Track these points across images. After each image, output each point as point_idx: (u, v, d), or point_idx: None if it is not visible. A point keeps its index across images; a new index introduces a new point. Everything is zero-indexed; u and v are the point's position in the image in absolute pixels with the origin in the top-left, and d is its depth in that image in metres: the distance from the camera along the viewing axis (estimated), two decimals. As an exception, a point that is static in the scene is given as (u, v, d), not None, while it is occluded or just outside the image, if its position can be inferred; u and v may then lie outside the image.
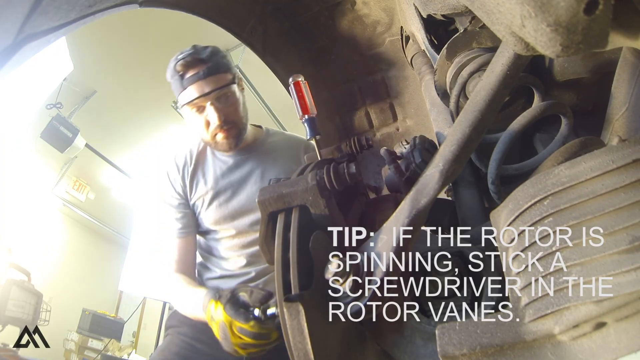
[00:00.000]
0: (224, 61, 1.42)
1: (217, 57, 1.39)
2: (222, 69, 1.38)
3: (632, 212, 0.35)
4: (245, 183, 1.48)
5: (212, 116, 1.36)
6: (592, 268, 0.35)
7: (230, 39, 1.84)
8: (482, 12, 0.38)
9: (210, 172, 1.50)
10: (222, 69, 1.38)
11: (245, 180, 1.48)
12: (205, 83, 1.34)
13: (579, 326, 0.35)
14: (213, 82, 1.34)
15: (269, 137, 1.60)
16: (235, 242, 1.46)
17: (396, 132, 1.75)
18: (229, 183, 1.48)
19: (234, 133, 1.42)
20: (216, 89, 1.34)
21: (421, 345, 0.51)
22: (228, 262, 1.47)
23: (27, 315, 4.06)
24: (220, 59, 1.40)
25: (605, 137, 0.72)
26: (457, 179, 0.88)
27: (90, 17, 1.02)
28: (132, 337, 6.45)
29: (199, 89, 1.34)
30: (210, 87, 1.34)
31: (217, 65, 1.36)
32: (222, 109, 1.38)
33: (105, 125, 5.35)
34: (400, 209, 0.53)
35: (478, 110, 0.49)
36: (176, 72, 1.36)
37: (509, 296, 0.42)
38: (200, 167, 1.52)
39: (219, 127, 1.38)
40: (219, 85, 1.35)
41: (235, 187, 1.48)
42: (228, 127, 1.40)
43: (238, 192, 1.47)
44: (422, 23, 0.97)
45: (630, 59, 0.63)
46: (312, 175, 0.60)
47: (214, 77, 1.34)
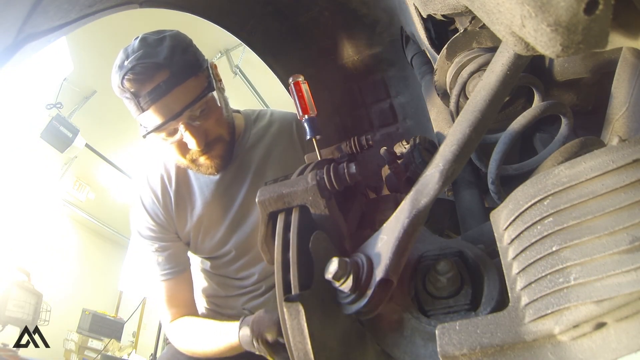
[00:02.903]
0: (190, 57, 1.01)
1: (179, 54, 0.99)
2: (189, 72, 0.98)
3: (632, 212, 0.35)
4: (237, 195, 1.20)
5: (190, 141, 1.02)
6: (592, 268, 0.35)
7: (230, 39, 1.84)
8: (482, 12, 0.38)
9: (197, 196, 1.19)
10: (190, 70, 0.99)
11: (238, 191, 1.20)
12: (171, 100, 0.96)
13: (579, 326, 0.35)
14: (181, 96, 0.97)
15: (252, 125, 1.30)
16: (242, 262, 1.25)
17: (396, 132, 1.75)
18: (220, 203, 1.19)
19: (219, 152, 1.10)
20: (188, 105, 0.97)
21: (421, 345, 0.51)
22: (235, 281, 1.29)
23: (27, 315, 4.05)
24: (184, 55, 1.00)
25: (605, 137, 0.72)
26: (457, 179, 0.88)
27: (90, 17, 1.02)
28: (132, 337, 6.44)
29: (164, 110, 0.96)
30: (179, 104, 0.96)
31: (182, 68, 0.97)
32: (201, 129, 1.03)
33: (105, 125, 5.35)
34: (400, 209, 0.53)
35: (478, 110, 0.49)
36: (125, 89, 0.97)
37: (509, 296, 0.42)
38: (183, 192, 1.19)
39: (199, 152, 1.07)
40: (190, 98, 0.98)
41: (227, 204, 1.20)
42: (211, 147, 1.08)
43: (230, 208, 1.20)
44: (422, 23, 0.97)
45: (630, 59, 0.63)
46: (312, 175, 0.60)
47: (181, 87, 0.96)
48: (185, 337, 1.14)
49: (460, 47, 0.87)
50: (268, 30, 1.67)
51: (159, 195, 1.19)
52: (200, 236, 1.22)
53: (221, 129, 1.10)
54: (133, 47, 1.00)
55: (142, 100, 0.96)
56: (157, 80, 0.95)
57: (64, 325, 5.33)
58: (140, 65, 0.95)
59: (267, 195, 0.60)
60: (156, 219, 1.19)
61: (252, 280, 1.28)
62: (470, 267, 0.54)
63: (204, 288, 1.36)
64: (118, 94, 1.02)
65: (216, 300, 1.35)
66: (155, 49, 0.97)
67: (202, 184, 1.21)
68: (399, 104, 1.73)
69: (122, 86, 0.98)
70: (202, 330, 1.10)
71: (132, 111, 1.03)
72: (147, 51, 0.97)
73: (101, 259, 7.05)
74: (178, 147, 1.06)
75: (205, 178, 1.21)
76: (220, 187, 1.20)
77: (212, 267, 1.31)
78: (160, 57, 0.96)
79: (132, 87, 0.96)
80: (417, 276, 0.56)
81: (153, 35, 1.02)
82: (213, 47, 4.88)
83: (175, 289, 1.19)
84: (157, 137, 1.05)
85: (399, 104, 1.73)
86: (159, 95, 0.95)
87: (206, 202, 1.19)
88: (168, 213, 1.19)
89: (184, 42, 1.04)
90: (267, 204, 0.60)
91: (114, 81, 1.00)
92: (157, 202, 1.19)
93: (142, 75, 0.95)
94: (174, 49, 0.99)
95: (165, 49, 0.98)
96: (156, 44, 0.98)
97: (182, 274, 1.21)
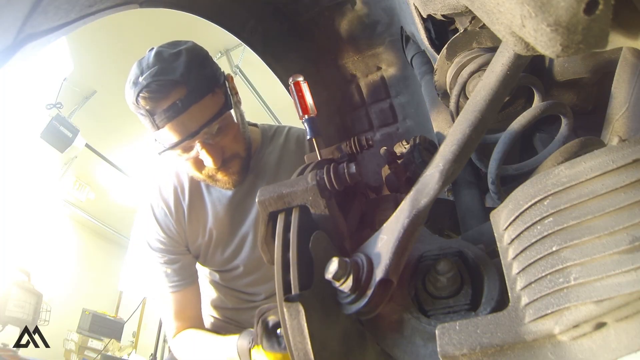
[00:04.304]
0: (207, 72, 0.98)
1: (195, 70, 0.95)
2: (206, 88, 0.95)
3: (632, 212, 0.35)
4: (249, 212, 1.18)
5: (206, 159, 1.01)
6: (592, 268, 0.35)
7: (230, 39, 1.84)
8: (482, 12, 0.38)
9: (209, 210, 1.17)
10: (207, 87, 0.96)
11: (250, 208, 1.18)
12: (187, 118, 0.93)
13: (579, 326, 0.35)
14: (198, 114, 0.94)
15: (269, 141, 1.28)
16: (249, 279, 1.22)
17: (396, 132, 1.75)
18: (232, 219, 1.17)
19: (236, 168, 1.08)
20: (205, 124, 0.94)
21: (421, 345, 0.51)
22: (244, 295, 1.27)
23: (27, 315, 4.06)
24: (201, 70, 0.96)
25: (605, 137, 0.72)
26: (457, 179, 0.88)
27: (90, 17, 1.01)
28: (132, 337, 6.44)
29: (180, 129, 0.94)
30: (195, 122, 0.94)
31: (199, 85, 0.94)
32: (217, 147, 1.01)
33: (105, 125, 5.35)
34: (400, 209, 0.53)
35: (478, 110, 0.49)
36: (140, 107, 0.94)
37: (509, 296, 0.42)
38: (197, 206, 1.17)
39: (215, 170, 1.05)
40: (207, 116, 0.95)
41: (239, 220, 1.18)
42: (228, 164, 1.06)
43: (242, 224, 1.17)
44: (422, 23, 0.97)
45: (630, 59, 0.63)
46: (312, 175, 0.60)
47: (198, 105, 0.94)
48: (187, 350, 1.12)
49: (460, 47, 0.87)
50: (268, 30, 1.67)
51: (172, 208, 1.16)
52: (210, 250, 1.20)
53: (238, 145, 1.07)
54: (148, 62, 0.96)
55: (157, 118, 0.94)
56: (174, 98, 0.92)
57: (64, 325, 5.33)
58: (155, 83, 0.91)
59: (267, 195, 0.60)
60: (167, 232, 1.16)
61: (259, 297, 1.26)
62: (470, 267, 0.54)
63: (212, 299, 1.34)
64: (132, 109, 0.99)
65: (226, 312, 1.33)
66: (171, 65, 0.93)
67: (214, 198, 1.18)
68: (399, 104, 1.73)
69: (137, 103, 0.95)
70: (203, 343, 1.08)
71: (147, 127, 1.00)
72: (162, 67, 0.93)
73: (101, 259, 7.05)
74: (194, 164, 1.04)
75: (218, 192, 1.18)
76: (233, 203, 1.17)
77: (222, 279, 1.29)
78: (176, 74, 0.92)
79: (147, 105, 0.93)
80: (417, 276, 0.56)
81: (169, 49, 0.98)
82: (213, 47, 4.88)
83: (183, 301, 1.17)
84: (172, 153, 1.02)
85: (399, 104, 1.73)
86: (176, 114, 0.92)
87: (217, 217, 1.16)
88: (180, 227, 1.16)
89: (200, 55, 1.00)
90: (267, 203, 0.60)
91: (128, 97, 0.97)
92: (170, 215, 1.15)
93: (158, 94, 0.92)
94: (191, 64, 0.95)
95: (181, 64, 0.94)
96: (172, 59, 0.94)
97: (190, 286, 1.19)
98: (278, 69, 1.76)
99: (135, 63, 1.00)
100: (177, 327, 1.15)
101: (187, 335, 1.14)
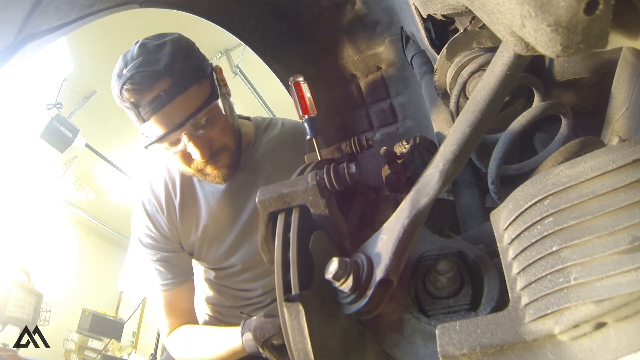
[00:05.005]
0: (192, 63, 0.96)
1: (179, 61, 0.93)
2: (192, 79, 0.93)
3: (632, 212, 0.35)
4: (245, 206, 1.16)
5: (194, 152, 0.98)
6: (592, 268, 0.35)
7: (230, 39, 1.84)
8: (482, 12, 0.38)
9: (202, 205, 1.14)
10: (192, 78, 0.93)
11: (246, 202, 1.16)
12: (172, 109, 0.91)
13: (579, 326, 0.35)
14: (184, 105, 0.92)
15: (263, 134, 1.25)
16: (246, 275, 1.22)
17: (396, 132, 1.75)
18: (227, 213, 1.15)
19: (225, 162, 1.06)
20: (190, 115, 0.92)
21: (421, 345, 0.51)
22: (239, 292, 1.26)
23: (27, 315, 4.05)
24: (186, 61, 0.95)
25: (605, 137, 0.72)
26: (457, 179, 0.88)
27: (90, 17, 1.01)
28: (132, 337, 6.44)
29: (166, 121, 0.92)
30: (181, 114, 0.92)
31: (184, 75, 0.92)
32: (205, 139, 0.99)
33: (105, 125, 5.35)
34: (400, 209, 0.53)
35: (478, 110, 0.49)
36: (124, 99, 0.93)
37: (509, 296, 0.42)
38: (189, 202, 1.15)
39: (204, 163, 1.03)
40: (193, 107, 0.92)
41: (235, 215, 1.15)
42: (217, 157, 1.04)
43: (238, 219, 1.15)
44: (422, 23, 0.97)
45: (630, 59, 0.63)
46: (312, 175, 0.60)
47: (183, 95, 0.91)
48: (185, 346, 1.10)
49: (460, 47, 0.87)
50: (268, 30, 1.67)
51: (163, 205, 1.14)
52: (205, 247, 1.18)
53: (226, 137, 1.05)
54: (132, 54, 0.95)
55: (142, 111, 0.92)
56: (158, 90, 0.90)
57: (64, 325, 5.33)
58: (139, 74, 0.90)
59: (267, 195, 0.60)
60: (159, 228, 1.14)
61: (255, 293, 1.25)
62: (470, 267, 0.54)
63: (207, 296, 1.33)
64: (118, 103, 0.98)
65: (220, 309, 1.32)
66: (155, 56, 0.92)
67: (207, 192, 1.16)
68: (399, 104, 1.73)
69: (121, 96, 0.94)
70: (202, 337, 1.07)
71: (133, 120, 0.99)
72: (146, 58, 0.91)
73: (101, 259, 7.05)
74: (182, 157, 1.02)
75: (211, 187, 1.16)
76: (227, 197, 1.15)
77: (216, 277, 1.27)
78: (160, 65, 0.91)
79: (131, 97, 0.91)
80: (417, 276, 0.56)
81: (153, 41, 0.97)
82: (213, 47, 4.88)
83: (176, 299, 1.15)
84: (159, 147, 1.00)
85: (399, 104, 1.73)
86: (160, 105, 0.90)
87: (212, 212, 1.14)
88: (172, 224, 1.14)
89: (185, 47, 0.99)
90: (267, 203, 0.60)
91: (113, 90, 0.96)
92: (161, 212, 1.14)
93: (142, 85, 0.90)
94: (175, 55, 0.93)
95: (165, 55, 0.92)
96: (156, 50, 0.93)
97: (184, 284, 1.17)
98: (278, 69, 1.76)
99: (121, 56, 0.98)
100: (171, 324, 1.14)
101: (182, 331, 1.13)
